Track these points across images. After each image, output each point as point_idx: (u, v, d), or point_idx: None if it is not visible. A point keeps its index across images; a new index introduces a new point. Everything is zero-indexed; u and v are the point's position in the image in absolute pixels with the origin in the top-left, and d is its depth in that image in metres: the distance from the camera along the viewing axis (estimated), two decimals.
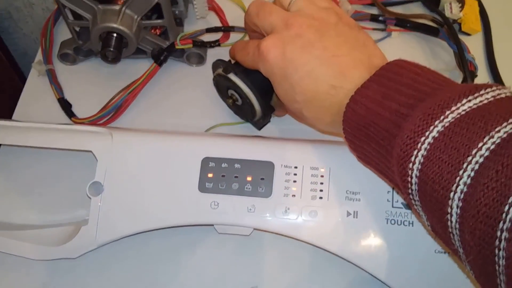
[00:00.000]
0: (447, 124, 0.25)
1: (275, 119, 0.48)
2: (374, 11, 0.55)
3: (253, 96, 0.40)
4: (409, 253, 0.36)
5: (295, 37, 0.34)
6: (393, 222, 0.36)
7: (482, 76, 0.51)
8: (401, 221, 0.36)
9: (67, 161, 0.45)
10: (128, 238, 0.40)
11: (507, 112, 0.24)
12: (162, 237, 0.41)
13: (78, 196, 0.43)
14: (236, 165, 0.39)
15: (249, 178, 0.38)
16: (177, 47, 0.49)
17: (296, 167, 0.38)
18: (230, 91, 0.43)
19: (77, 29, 0.51)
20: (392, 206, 0.37)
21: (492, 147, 0.24)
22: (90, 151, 0.40)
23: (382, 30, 0.54)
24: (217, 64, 0.43)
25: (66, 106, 0.50)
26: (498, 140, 0.23)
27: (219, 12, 0.51)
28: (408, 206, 0.36)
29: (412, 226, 0.36)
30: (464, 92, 0.26)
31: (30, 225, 0.43)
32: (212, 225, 0.39)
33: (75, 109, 0.50)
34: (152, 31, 0.52)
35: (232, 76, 0.41)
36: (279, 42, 0.35)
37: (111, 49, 0.46)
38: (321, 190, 0.38)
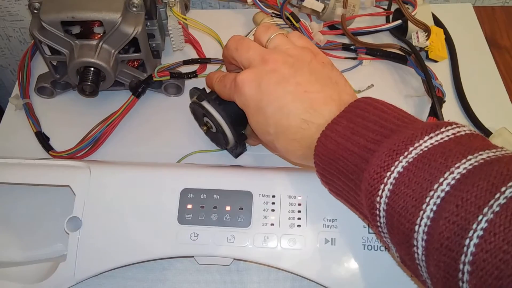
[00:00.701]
0: (411, 160, 0.27)
1: (252, 147, 0.49)
2: (346, 40, 0.57)
3: (225, 124, 0.41)
4: (387, 278, 0.36)
5: (270, 72, 0.35)
6: (370, 247, 0.37)
7: (450, 102, 0.53)
8: (377, 246, 0.37)
9: (45, 196, 0.45)
10: (108, 272, 0.39)
11: (465, 149, 0.26)
12: (142, 269, 0.41)
13: (57, 231, 0.42)
14: (215, 196, 0.39)
15: (228, 208, 0.39)
16: (155, 79, 0.50)
17: (274, 196, 0.39)
18: (206, 119, 0.44)
19: (54, 63, 0.52)
20: (369, 232, 0.38)
21: (453, 182, 0.25)
22: (68, 186, 0.40)
23: (354, 58, 0.56)
24: (193, 91, 0.44)
25: (43, 139, 0.50)
26: (458, 176, 0.25)
27: (195, 44, 0.52)
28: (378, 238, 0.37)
29: (389, 250, 0.37)
30: (426, 130, 0.28)
31: (8, 262, 0.42)
32: (193, 256, 0.39)
33: (53, 142, 0.50)
34: (130, 63, 0.52)
35: (205, 104, 0.42)
36: (255, 76, 0.36)
37: (89, 83, 0.46)
38: (299, 218, 0.38)
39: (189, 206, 0.39)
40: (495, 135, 0.48)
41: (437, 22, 0.59)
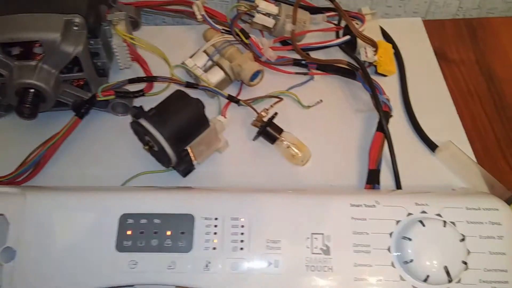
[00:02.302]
0: None
1: (202, 164, 0.48)
2: (298, 56, 0.57)
3: (164, 141, 0.41)
4: None
5: None
6: (313, 268, 0.37)
7: (399, 116, 0.53)
8: (320, 267, 0.37)
9: None
10: None
11: None
12: None
13: None
14: (156, 220, 0.38)
15: (168, 233, 0.38)
16: (98, 99, 0.48)
17: (216, 219, 0.38)
18: (147, 138, 0.43)
19: None
20: (312, 253, 0.37)
21: None
22: (2, 214, 0.38)
23: (305, 73, 0.56)
24: (132, 110, 0.43)
25: None
26: None
27: (142, 62, 0.51)
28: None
29: (332, 271, 0.36)
30: None
31: None
32: (132, 286, 0.37)
33: None
34: (76, 82, 0.51)
35: (142, 122, 0.41)
36: None
37: (27, 105, 0.45)
38: (241, 241, 0.38)
39: (129, 232, 0.38)
40: (441, 149, 0.49)
41: (387, 37, 0.60)
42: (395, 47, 0.58)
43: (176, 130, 0.41)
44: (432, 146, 0.49)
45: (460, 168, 0.48)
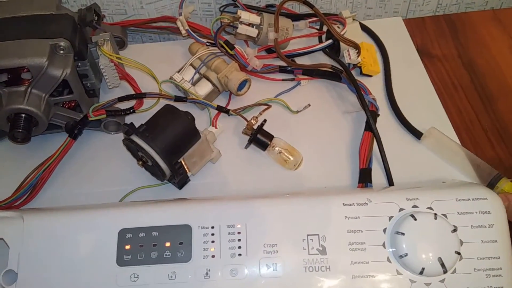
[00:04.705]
0: None
1: (197, 176, 0.49)
2: (283, 63, 0.58)
3: (156, 155, 0.41)
4: None
5: None
6: (311, 269, 0.37)
7: (386, 114, 0.54)
8: (318, 267, 0.37)
9: None
10: None
11: None
12: None
13: None
14: (154, 233, 0.39)
15: (167, 244, 0.38)
16: (90, 119, 0.49)
17: (213, 227, 0.39)
18: (140, 153, 0.44)
19: None
20: (309, 254, 0.38)
21: None
22: (1, 239, 0.39)
23: (292, 79, 0.57)
24: (124, 128, 0.44)
25: None
26: None
27: (130, 80, 0.52)
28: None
29: (329, 270, 0.37)
30: None
31: None
32: None
33: None
34: (67, 104, 0.52)
35: (134, 138, 0.42)
36: None
37: (20, 130, 0.45)
38: (239, 247, 0.38)
39: (128, 247, 0.38)
40: (426, 135, 0.50)
41: (375, 37, 0.61)
42: (381, 46, 0.60)
43: (168, 143, 0.42)
44: (417, 134, 0.51)
45: (446, 152, 0.49)
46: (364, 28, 0.63)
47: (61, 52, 0.46)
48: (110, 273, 0.37)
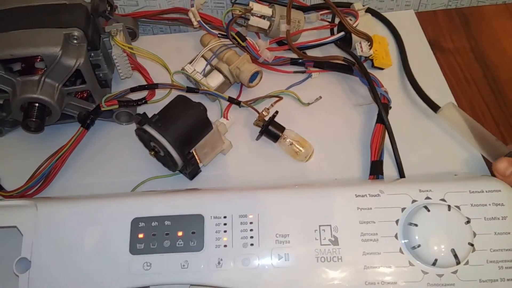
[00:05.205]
0: None
1: (208, 167, 0.49)
2: (294, 55, 0.58)
3: (169, 145, 0.41)
4: (341, 287, 0.37)
5: None
6: (323, 259, 0.37)
7: (399, 107, 0.54)
8: (330, 257, 0.37)
9: None
10: None
11: None
12: None
13: (7, 275, 0.41)
14: (166, 222, 0.39)
15: (180, 234, 0.39)
16: (103, 109, 0.49)
17: (225, 217, 0.39)
18: (152, 143, 0.44)
19: (1, 101, 0.51)
20: (321, 244, 0.38)
21: None
22: (15, 227, 0.39)
23: (303, 72, 0.57)
24: (136, 118, 0.44)
25: None
26: None
27: (142, 71, 0.52)
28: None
29: (341, 261, 0.37)
30: None
31: None
32: (148, 286, 0.38)
33: (6, 182, 0.49)
34: (79, 95, 0.52)
35: (147, 128, 0.42)
36: None
37: (33, 119, 0.46)
38: (251, 237, 0.38)
39: (141, 235, 0.38)
40: (443, 109, 0.50)
41: (392, 30, 0.61)
42: (398, 38, 0.59)
43: (180, 133, 0.42)
44: (434, 106, 0.51)
45: (461, 127, 0.50)
46: (379, 17, 0.63)
47: (75, 41, 0.46)
48: (123, 262, 0.38)
